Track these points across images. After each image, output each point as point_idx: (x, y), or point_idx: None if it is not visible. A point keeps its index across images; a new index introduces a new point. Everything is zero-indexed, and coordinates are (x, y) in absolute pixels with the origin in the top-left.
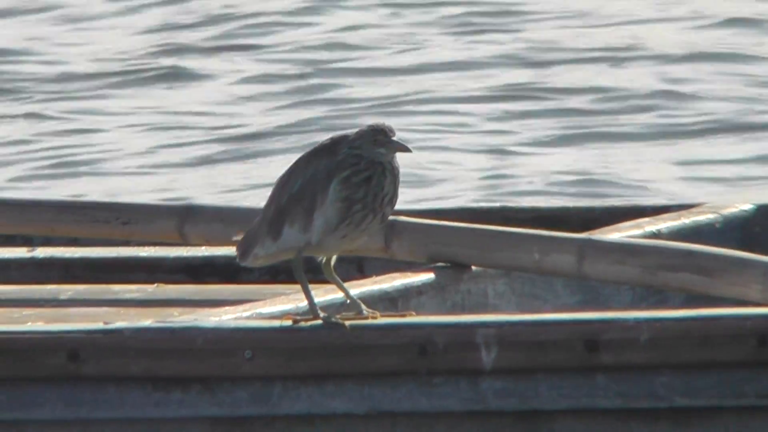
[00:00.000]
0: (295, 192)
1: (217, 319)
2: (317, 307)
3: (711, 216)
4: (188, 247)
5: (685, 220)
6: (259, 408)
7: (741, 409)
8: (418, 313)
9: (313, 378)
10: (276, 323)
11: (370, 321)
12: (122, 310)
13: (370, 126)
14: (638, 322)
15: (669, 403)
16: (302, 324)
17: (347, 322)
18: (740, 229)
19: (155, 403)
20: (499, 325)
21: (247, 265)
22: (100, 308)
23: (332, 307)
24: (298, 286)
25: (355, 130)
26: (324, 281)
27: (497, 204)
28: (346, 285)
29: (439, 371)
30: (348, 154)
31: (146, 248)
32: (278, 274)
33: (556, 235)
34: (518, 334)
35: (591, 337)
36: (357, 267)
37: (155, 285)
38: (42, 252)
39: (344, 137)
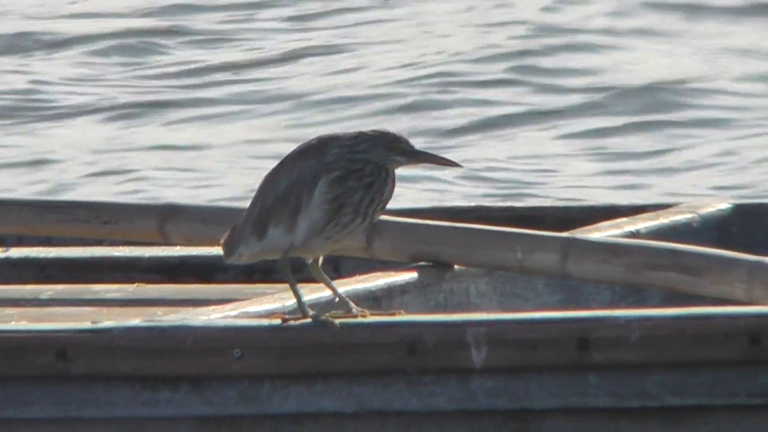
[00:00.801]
0: (281, 192)
1: (205, 318)
2: (306, 306)
3: (688, 215)
4: (163, 247)
5: (663, 219)
6: (248, 407)
7: (732, 408)
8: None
9: (303, 377)
10: (265, 322)
11: (359, 319)
12: (105, 310)
13: (380, 132)
14: (629, 320)
15: (660, 402)
16: (291, 323)
17: (337, 321)
18: (717, 229)
19: (144, 403)
20: (490, 323)
21: (231, 262)
22: (81, 308)
23: (319, 306)
24: (276, 285)
25: (350, 133)
26: (308, 280)
27: (472, 204)
28: None
29: (429, 370)
30: (344, 157)
31: (121, 248)
32: (253, 274)
33: (540, 234)
34: (508, 332)
35: (582, 335)
36: (333, 267)
37: (135, 284)
38: (16, 252)
39: (333, 138)
